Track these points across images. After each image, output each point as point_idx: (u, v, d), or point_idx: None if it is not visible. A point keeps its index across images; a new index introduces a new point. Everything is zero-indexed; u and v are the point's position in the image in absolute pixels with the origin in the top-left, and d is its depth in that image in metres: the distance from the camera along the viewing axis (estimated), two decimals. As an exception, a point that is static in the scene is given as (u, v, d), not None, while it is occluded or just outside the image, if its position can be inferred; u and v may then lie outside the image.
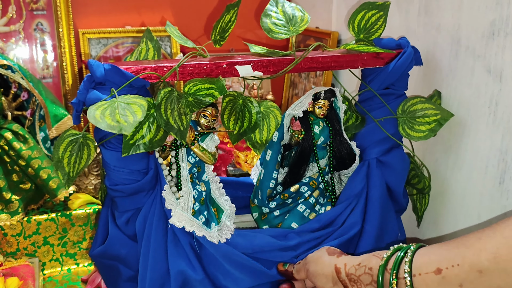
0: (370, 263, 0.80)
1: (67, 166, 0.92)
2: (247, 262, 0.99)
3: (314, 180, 1.14)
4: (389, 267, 0.76)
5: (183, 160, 1.00)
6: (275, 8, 1.04)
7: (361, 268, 0.81)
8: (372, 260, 0.80)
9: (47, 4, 1.62)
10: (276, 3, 1.05)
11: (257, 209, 1.16)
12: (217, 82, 0.94)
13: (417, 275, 0.73)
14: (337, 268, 0.85)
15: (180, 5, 1.83)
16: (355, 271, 0.81)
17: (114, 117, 0.83)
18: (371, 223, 1.07)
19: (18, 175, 1.31)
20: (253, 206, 1.17)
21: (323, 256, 0.90)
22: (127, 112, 0.84)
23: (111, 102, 0.86)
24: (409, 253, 0.76)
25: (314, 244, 1.04)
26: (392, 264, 0.76)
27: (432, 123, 1.08)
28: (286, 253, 1.02)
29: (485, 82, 1.04)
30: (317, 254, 0.92)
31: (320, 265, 0.89)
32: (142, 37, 1.03)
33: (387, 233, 1.10)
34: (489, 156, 1.05)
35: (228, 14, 0.99)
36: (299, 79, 1.85)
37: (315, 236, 1.05)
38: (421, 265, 0.73)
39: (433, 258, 0.73)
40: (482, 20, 1.04)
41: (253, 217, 1.17)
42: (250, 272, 1.00)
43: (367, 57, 1.06)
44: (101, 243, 1.01)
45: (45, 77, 1.64)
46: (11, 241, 1.30)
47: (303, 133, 1.10)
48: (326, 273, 0.86)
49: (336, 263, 0.85)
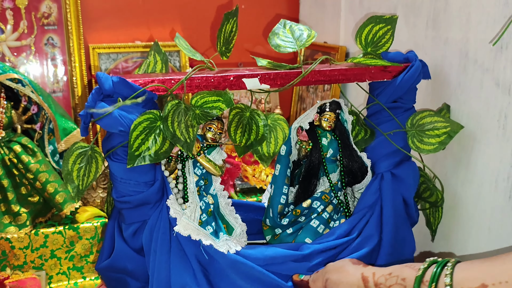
0: (403, 274, 0.78)
1: (76, 179, 0.92)
2: (258, 274, 0.96)
3: (327, 194, 1.12)
4: (426, 279, 0.74)
5: (190, 172, 1.00)
6: (283, 28, 1.05)
7: (392, 278, 0.79)
8: (405, 271, 0.78)
9: (58, 19, 1.64)
10: (284, 25, 1.06)
11: (270, 231, 1.13)
12: (224, 94, 0.94)
13: None
14: (364, 277, 0.83)
15: (189, 21, 1.85)
16: (385, 281, 0.79)
17: None
18: (387, 236, 1.05)
19: (27, 188, 1.32)
20: (265, 229, 1.14)
21: (347, 265, 0.88)
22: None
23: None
24: (449, 266, 0.74)
25: (329, 255, 1.01)
26: (431, 276, 0.74)
27: (442, 136, 1.07)
28: (300, 264, 0.99)
29: (494, 95, 1.04)
30: (340, 263, 0.90)
31: (343, 273, 0.87)
32: (150, 50, 1.04)
33: (404, 246, 1.08)
34: (499, 170, 1.04)
35: (228, 23, 0.99)
36: (307, 93, 1.85)
37: (330, 245, 1.02)
38: (463, 280, 0.71)
39: (476, 273, 0.70)
40: (490, 33, 1.03)
41: (266, 240, 1.14)
42: (262, 284, 0.97)
43: (374, 71, 1.05)
44: (107, 257, 1.01)
45: (55, 91, 1.66)
46: (19, 254, 1.30)
47: (311, 145, 1.09)
48: (351, 281, 0.84)
49: (363, 272, 0.83)
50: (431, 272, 0.74)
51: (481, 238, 1.11)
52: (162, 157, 0.92)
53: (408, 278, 0.77)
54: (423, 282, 0.75)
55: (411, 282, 0.76)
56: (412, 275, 0.76)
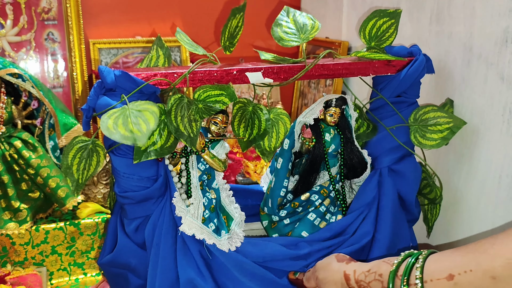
0: (380, 269, 0.78)
1: (76, 172, 0.91)
2: (257, 271, 0.98)
3: (325, 189, 1.13)
4: (400, 273, 0.75)
5: (193, 167, 1.00)
6: (286, 18, 1.04)
7: (370, 274, 0.79)
8: (382, 266, 0.79)
9: (58, 14, 1.63)
10: (288, 13, 1.05)
11: (267, 217, 1.15)
12: (227, 88, 0.93)
13: (428, 281, 0.71)
14: (346, 274, 0.83)
15: (190, 16, 1.84)
16: (364, 278, 0.80)
17: (127, 127, 0.82)
18: (383, 232, 1.06)
19: (27, 183, 1.31)
20: (262, 214, 1.16)
21: (332, 263, 0.89)
22: (139, 121, 0.83)
23: (123, 109, 0.85)
24: (420, 259, 0.74)
25: (325, 253, 1.03)
26: (403, 270, 0.74)
27: (444, 131, 1.06)
28: (297, 262, 1.01)
29: (499, 90, 1.03)
30: (326, 261, 0.91)
31: (329, 271, 0.87)
32: (153, 44, 1.03)
33: (399, 242, 1.08)
34: (503, 165, 1.03)
35: (234, 18, 0.98)
36: (309, 89, 1.84)
37: (326, 245, 1.04)
38: (433, 271, 0.72)
39: (445, 264, 0.71)
40: (494, 27, 1.03)
41: (263, 225, 1.16)
42: (261, 281, 0.99)
43: (378, 65, 1.05)
44: (109, 252, 1.00)
45: (56, 87, 1.65)
46: (19, 250, 1.29)
47: (314, 141, 1.09)
48: (336, 279, 0.85)
49: (345, 270, 0.84)
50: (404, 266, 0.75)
51: (484, 234, 1.10)
52: (167, 151, 0.91)
53: (384, 274, 0.77)
54: (398, 276, 0.75)
55: (387, 277, 0.76)
56: (388, 270, 0.77)
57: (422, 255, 0.75)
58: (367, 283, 0.79)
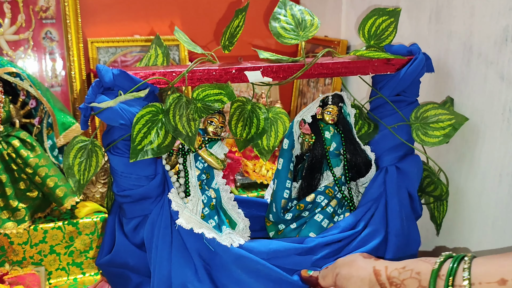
0: (418, 268, 0.76)
1: (77, 173, 0.91)
2: (262, 267, 0.94)
3: (330, 188, 1.11)
4: (443, 273, 0.73)
5: (191, 166, 0.99)
6: (284, 11, 1.03)
7: (406, 271, 0.77)
8: (420, 265, 0.76)
9: (56, 13, 1.62)
10: (284, 5, 1.03)
11: (273, 227, 1.12)
12: (226, 87, 0.93)
13: (477, 283, 0.70)
14: (376, 270, 0.81)
15: (189, 14, 1.83)
16: (398, 274, 0.78)
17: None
18: (394, 230, 1.04)
19: (25, 183, 1.30)
20: (268, 225, 1.13)
21: (358, 259, 0.86)
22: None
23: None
24: (466, 260, 0.72)
25: (335, 248, 1.00)
26: (447, 271, 0.72)
27: (446, 128, 1.06)
28: (304, 257, 0.97)
29: (498, 89, 1.03)
30: (350, 257, 0.89)
31: (354, 267, 0.85)
32: (152, 43, 1.03)
33: (410, 240, 1.07)
34: (503, 164, 1.03)
35: (236, 19, 0.98)
36: (308, 88, 1.84)
37: (336, 238, 1.00)
38: (481, 274, 0.70)
39: (495, 268, 0.69)
40: (494, 26, 1.02)
41: (270, 237, 1.12)
42: (266, 279, 0.96)
43: (378, 63, 1.04)
44: (107, 252, 1.00)
45: (54, 86, 1.64)
46: (18, 250, 1.29)
47: (313, 138, 1.08)
48: (362, 275, 0.82)
49: (375, 266, 0.82)
50: (447, 267, 0.73)
51: (485, 233, 1.10)
52: (164, 151, 0.90)
53: (423, 272, 0.75)
54: (439, 276, 0.73)
55: (427, 276, 0.74)
56: (428, 269, 0.75)
57: (468, 256, 0.73)
58: (401, 280, 0.77)
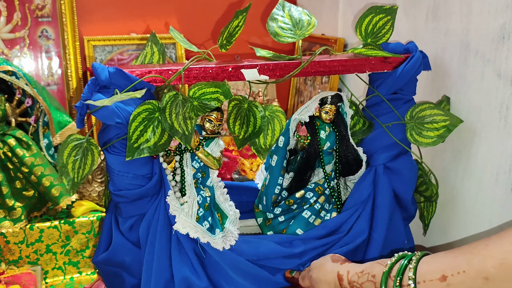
0: (374, 271, 0.79)
1: (71, 171, 0.90)
2: (251, 270, 0.98)
3: (320, 186, 1.12)
4: (393, 274, 0.75)
5: (188, 165, 0.99)
6: (282, 12, 1.03)
7: (364, 275, 0.80)
8: (375, 268, 0.79)
9: (52, 11, 1.61)
10: (283, 7, 1.04)
11: (262, 214, 1.14)
12: (223, 86, 0.93)
13: (421, 282, 0.72)
14: (339, 275, 0.84)
15: (185, 12, 1.83)
16: (357, 279, 0.80)
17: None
18: (379, 231, 1.05)
19: (21, 182, 1.30)
20: (257, 211, 1.15)
21: (326, 263, 0.89)
22: None
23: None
24: (413, 260, 0.75)
25: (320, 251, 1.02)
26: (396, 271, 0.75)
27: (441, 129, 1.06)
28: (291, 260, 1.01)
29: (496, 86, 1.03)
30: (321, 261, 0.91)
31: (322, 271, 0.88)
32: (148, 40, 1.02)
33: (394, 240, 1.08)
34: (500, 162, 1.03)
35: (236, 19, 0.97)
36: (305, 86, 1.83)
37: (321, 243, 1.03)
38: (426, 272, 0.72)
39: (438, 265, 0.72)
40: (491, 24, 1.02)
41: (257, 222, 1.15)
42: (254, 279, 0.99)
43: (375, 62, 1.04)
44: (104, 250, 0.99)
45: (50, 84, 1.63)
46: (14, 249, 1.28)
47: (309, 138, 1.08)
48: (329, 280, 0.86)
49: (339, 270, 0.84)
50: (397, 267, 0.75)
51: (481, 232, 1.10)
52: (160, 149, 0.90)
53: (377, 275, 0.78)
54: (390, 277, 0.75)
55: (380, 278, 0.77)
56: (381, 271, 0.77)
57: (416, 256, 0.75)
58: (360, 284, 0.80)
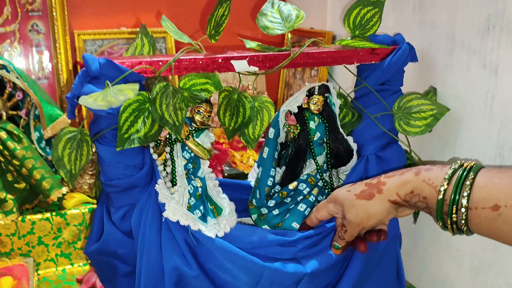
0: (424, 192, 0.77)
1: (68, 163, 0.91)
2: (246, 257, 0.97)
3: (312, 177, 1.13)
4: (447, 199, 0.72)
5: (178, 156, 1.00)
6: (271, 8, 1.05)
7: (415, 196, 0.78)
8: (425, 189, 0.76)
9: (43, 5, 1.62)
10: (272, 4, 1.06)
11: (256, 210, 1.14)
12: (213, 77, 0.94)
13: (473, 208, 0.69)
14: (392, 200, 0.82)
15: (175, 5, 1.84)
16: (410, 199, 0.79)
17: (105, 99, 0.82)
18: None
19: (13, 174, 1.30)
20: (251, 208, 1.15)
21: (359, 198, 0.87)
22: (118, 96, 0.83)
23: (104, 90, 0.85)
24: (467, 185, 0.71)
25: (315, 239, 1.02)
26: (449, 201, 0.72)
27: (428, 118, 1.08)
28: (286, 248, 1.00)
29: (481, 77, 1.05)
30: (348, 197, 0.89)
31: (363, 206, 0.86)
32: (138, 32, 1.03)
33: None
34: (485, 151, 1.05)
35: (221, 7, 0.98)
36: (294, 79, 1.85)
37: (316, 231, 1.03)
38: (479, 200, 0.69)
39: (493, 192, 0.68)
40: (477, 15, 1.04)
41: (252, 219, 1.15)
42: (248, 268, 0.98)
43: (362, 53, 1.05)
44: (96, 240, 1.00)
45: (40, 78, 1.64)
46: (5, 241, 1.29)
47: (298, 128, 1.10)
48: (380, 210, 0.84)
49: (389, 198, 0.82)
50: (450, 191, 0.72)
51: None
52: (151, 139, 0.91)
53: (428, 197, 0.76)
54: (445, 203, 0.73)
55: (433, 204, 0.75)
56: (433, 196, 0.75)
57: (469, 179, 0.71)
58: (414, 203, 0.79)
